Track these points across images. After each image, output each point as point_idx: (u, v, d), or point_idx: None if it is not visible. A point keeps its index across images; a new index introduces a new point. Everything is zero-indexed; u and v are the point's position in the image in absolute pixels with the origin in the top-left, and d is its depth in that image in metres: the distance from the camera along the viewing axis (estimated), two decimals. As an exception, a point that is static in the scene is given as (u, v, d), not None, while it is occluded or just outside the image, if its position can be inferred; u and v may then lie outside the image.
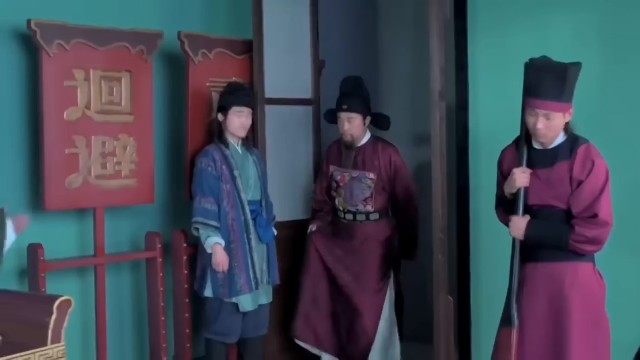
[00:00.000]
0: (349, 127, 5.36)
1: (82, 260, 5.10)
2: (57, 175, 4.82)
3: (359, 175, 5.45)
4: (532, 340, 4.01)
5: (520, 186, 3.98)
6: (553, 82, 3.84)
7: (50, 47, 4.76)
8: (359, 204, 5.46)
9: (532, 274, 4.02)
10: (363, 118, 5.38)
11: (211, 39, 5.55)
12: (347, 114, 5.34)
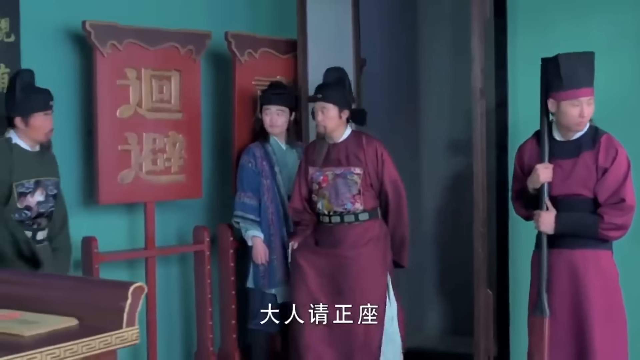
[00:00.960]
0: (322, 118, 4.95)
1: (134, 252, 5.28)
2: (110, 171, 5.00)
3: (344, 171, 4.99)
4: (556, 326, 4.18)
5: (544, 181, 4.16)
6: (587, 70, 4.08)
7: (104, 47, 4.93)
8: (346, 203, 4.98)
9: (555, 261, 4.19)
10: (339, 111, 4.97)
11: (257, 39, 5.70)
12: (321, 103, 4.96)
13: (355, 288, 4.86)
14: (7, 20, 4.68)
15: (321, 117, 4.95)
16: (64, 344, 2.29)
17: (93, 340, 2.35)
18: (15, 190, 4.25)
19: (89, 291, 2.59)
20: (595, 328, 4.09)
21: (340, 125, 5.02)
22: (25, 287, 2.77)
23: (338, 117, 4.97)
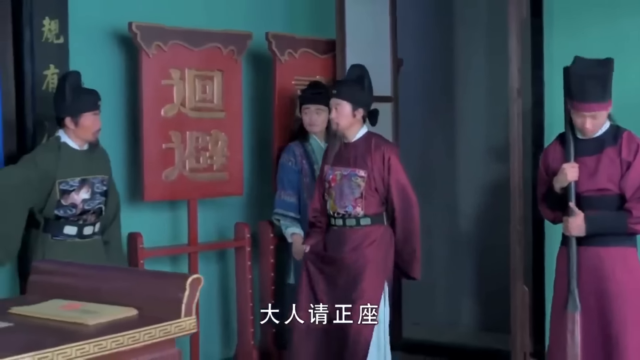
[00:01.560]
0: (335, 115, 4.81)
1: (178, 248, 5.41)
2: (155, 169, 5.13)
3: (349, 173, 4.84)
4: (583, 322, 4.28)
5: (571, 180, 4.26)
6: (596, 87, 4.16)
7: (150, 48, 5.06)
8: (348, 206, 4.83)
9: (581, 259, 4.29)
10: (352, 109, 4.81)
11: (296, 39, 5.82)
12: (335, 100, 4.82)
13: (352, 289, 4.72)
14: (57, 22, 4.82)
15: (334, 114, 4.84)
16: (126, 332, 2.41)
17: (154, 329, 2.46)
18: (57, 187, 4.39)
19: (148, 283, 2.71)
20: (623, 324, 4.18)
21: (355, 124, 4.86)
22: (86, 279, 2.89)
23: (351, 115, 4.82)
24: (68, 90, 4.39)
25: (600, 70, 4.18)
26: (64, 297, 2.83)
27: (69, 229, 4.44)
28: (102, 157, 4.65)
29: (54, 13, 4.81)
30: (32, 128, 4.77)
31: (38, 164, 4.35)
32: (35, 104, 4.77)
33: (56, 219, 4.42)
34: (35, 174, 4.33)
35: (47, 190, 4.37)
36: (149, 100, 5.10)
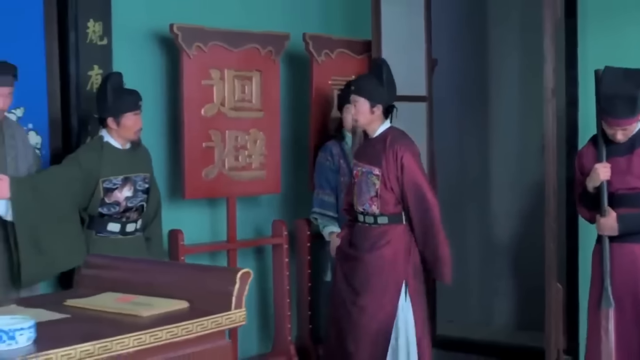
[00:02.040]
0: (355, 112, 4.78)
1: (217, 245, 5.52)
2: (195, 167, 5.23)
3: (367, 170, 4.78)
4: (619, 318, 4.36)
5: (603, 179, 4.36)
6: (624, 105, 4.30)
7: (190, 49, 5.17)
8: (365, 203, 4.79)
9: (616, 255, 4.40)
10: (370, 105, 4.74)
11: (333, 40, 5.91)
12: (353, 96, 4.79)
13: (368, 289, 4.70)
14: (100, 24, 4.95)
15: (353, 110, 4.82)
16: (180, 323, 2.51)
17: (206, 321, 2.56)
18: (101, 185, 4.51)
19: (199, 277, 2.80)
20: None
21: (374, 120, 4.78)
22: (137, 272, 2.99)
23: (369, 111, 4.75)
24: (110, 91, 4.50)
25: (628, 86, 4.30)
26: (116, 291, 2.93)
27: (112, 226, 4.56)
28: (143, 155, 4.76)
29: (98, 15, 4.94)
30: (77, 127, 4.91)
31: (82, 164, 4.46)
32: (80, 104, 4.90)
33: (100, 216, 4.54)
34: (79, 173, 4.44)
35: (91, 188, 4.48)
36: (190, 100, 5.20)
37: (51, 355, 2.21)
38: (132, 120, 4.56)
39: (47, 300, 3.01)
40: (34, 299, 3.39)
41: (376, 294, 4.69)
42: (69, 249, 4.41)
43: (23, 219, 4.23)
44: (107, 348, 2.33)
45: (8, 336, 2.24)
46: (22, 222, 4.23)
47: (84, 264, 3.21)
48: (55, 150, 4.86)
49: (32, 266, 4.27)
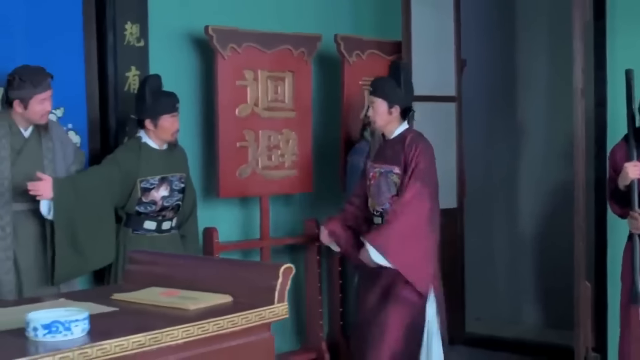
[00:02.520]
0: (372, 113, 4.82)
1: (251, 242, 5.62)
2: (229, 166, 5.34)
3: (386, 170, 4.82)
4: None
5: (633, 178, 4.42)
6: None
7: (225, 50, 5.27)
8: (385, 203, 4.80)
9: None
10: (388, 106, 4.78)
11: (364, 41, 6.00)
12: (371, 97, 4.85)
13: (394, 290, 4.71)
14: (138, 26, 5.06)
15: (371, 111, 4.85)
16: (226, 316, 2.60)
17: (250, 314, 2.65)
18: (138, 185, 4.62)
19: (242, 272, 2.90)
20: None
21: (392, 121, 4.82)
22: (180, 268, 3.10)
23: (387, 112, 4.79)
24: (148, 93, 4.61)
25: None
26: (159, 285, 3.03)
27: (149, 224, 4.67)
28: (180, 156, 4.86)
29: (135, 18, 5.05)
30: (115, 127, 5.02)
31: (120, 164, 4.57)
32: (118, 104, 5.02)
33: (137, 214, 4.65)
34: (118, 174, 4.56)
35: (129, 188, 4.59)
36: (224, 101, 5.31)
37: (105, 346, 2.31)
38: (169, 122, 4.66)
39: (93, 295, 3.13)
40: (81, 293, 3.51)
41: (403, 295, 4.70)
42: (103, 247, 4.55)
43: (63, 219, 4.35)
44: (158, 339, 2.43)
45: (64, 327, 2.34)
46: (62, 222, 4.35)
47: (129, 260, 3.31)
48: (93, 150, 4.98)
49: (66, 264, 4.39)
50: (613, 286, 5.69)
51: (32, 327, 2.35)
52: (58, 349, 2.25)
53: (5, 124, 4.32)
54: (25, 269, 4.33)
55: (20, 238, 4.34)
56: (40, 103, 4.31)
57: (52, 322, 2.34)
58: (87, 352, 2.27)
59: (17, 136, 4.37)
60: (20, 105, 4.29)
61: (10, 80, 4.28)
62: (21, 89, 4.26)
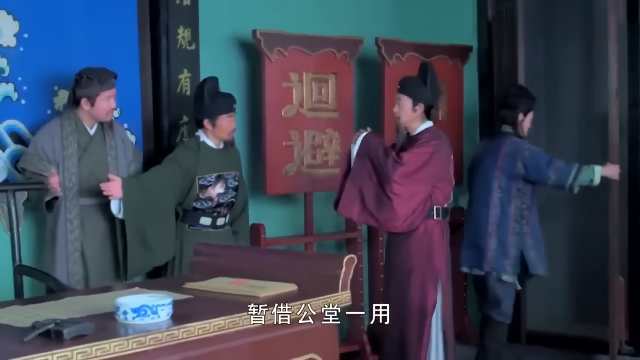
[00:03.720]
0: (397, 109, 5.05)
1: (296, 238, 5.83)
2: (276, 165, 5.55)
3: None
4: None
5: None
6: None
7: (272, 53, 5.48)
8: None
9: None
10: (413, 104, 5.00)
11: (403, 44, 6.18)
12: (398, 94, 5.08)
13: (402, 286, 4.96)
14: (189, 30, 5.29)
15: (396, 107, 5.06)
16: (295, 302, 2.81)
17: (317, 301, 2.86)
18: (197, 182, 4.84)
19: (308, 262, 3.12)
20: None
21: (415, 118, 5.03)
22: (246, 259, 3.32)
23: (412, 109, 5.00)
24: (206, 94, 4.83)
25: None
26: (225, 276, 3.25)
27: (204, 220, 4.90)
28: (235, 155, 5.09)
29: (187, 22, 5.28)
30: (168, 127, 5.25)
31: (181, 163, 4.81)
32: (171, 105, 5.25)
33: (193, 210, 4.88)
34: (179, 172, 4.79)
35: (188, 185, 4.82)
36: (271, 102, 5.52)
37: (190, 328, 2.52)
38: (226, 122, 4.88)
39: (165, 284, 3.33)
40: (153, 282, 3.74)
41: (416, 281, 4.91)
42: (168, 243, 4.78)
43: (132, 217, 4.60)
44: (236, 322, 2.64)
45: (152, 311, 2.55)
46: (131, 220, 4.60)
47: (195, 252, 3.52)
48: (147, 150, 5.22)
49: (137, 260, 4.65)
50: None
51: (122, 311, 2.55)
52: (148, 330, 2.45)
53: (72, 122, 4.56)
54: (92, 260, 4.57)
55: (87, 231, 4.58)
56: (106, 100, 4.55)
57: (141, 306, 2.54)
58: (173, 334, 2.49)
59: (83, 134, 4.61)
60: (87, 102, 4.53)
61: (78, 79, 4.52)
62: (88, 87, 4.50)
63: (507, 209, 5.48)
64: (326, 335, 2.96)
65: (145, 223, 4.64)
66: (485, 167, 5.57)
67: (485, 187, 5.53)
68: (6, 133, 4.62)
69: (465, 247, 5.64)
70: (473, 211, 5.66)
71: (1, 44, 4.60)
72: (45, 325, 2.40)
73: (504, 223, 5.47)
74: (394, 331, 4.96)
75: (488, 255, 5.48)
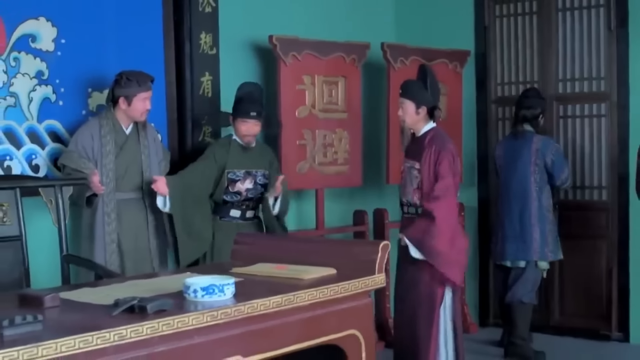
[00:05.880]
0: (401, 113, 5.16)
1: (308, 232, 6.16)
2: (291, 162, 5.89)
3: (410, 164, 5.17)
4: None
5: None
6: None
7: (287, 57, 5.82)
8: (409, 195, 5.17)
9: None
10: (416, 107, 5.11)
11: (407, 48, 6.53)
12: (400, 98, 5.19)
13: (411, 284, 5.10)
14: (210, 36, 5.63)
15: (400, 111, 5.18)
16: (338, 283, 3.16)
17: (357, 282, 3.21)
18: (226, 176, 5.21)
19: (344, 248, 3.48)
20: None
21: (419, 120, 5.13)
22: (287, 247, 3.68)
23: (415, 112, 5.10)
24: (237, 96, 5.24)
25: None
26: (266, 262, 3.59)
27: (234, 212, 5.26)
28: (264, 153, 5.43)
29: (208, 28, 5.62)
30: (191, 127, 5.58)
31: (215, 157, 5.20)
32: (194, 107, 5.58)
33: (224, 203, 5.24)
34: (215, 168, 5.19)
35: (218, 178, 5.21)
36: (286, 103, 5.86)
37: (253, 304, 2.87)
38: (243, 126, 5.23)
39: (213, 269, 3.67)
40: (201, 268, 4.08)
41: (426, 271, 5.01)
42: (208, 231, 5.14)
43: (178, 210, 4.99)
44: (291, 300, 2.99)
45: (219, 289, 2.89)
46: (178, 213, 5.00)
47: (235, 241, 3.87)
48: (172, 148, 5.54)
49: (187, 249, 5.06)
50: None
51: (193, 290, 2.89)
52: (217, 306, 2.80)
53: (110, 122, 4.89)
54: (127, 251, 4.91)
55: (123, 223, 4.92)
56: (142, 101, 4.88)
57: (209, 285, 2.89)
58: (240, 309, 2.83)
59: (120, 133, 4.94)
60: (124, 102, 4.87)
61: (118, 80, 4.86)
62: (127, 87, 4.84)
63: (543, 201, 6.02)
64: (364, 313, 3.31)
65: (190, 215, 5.03)
66: (521, 164, 6.06)
67: (523, 182, 6.05)
68: (46, 132, 4.95)
69: (507, 242, 6.09)
70: (512, 207, 6.09)
71: (41, 48, 4.92)
72: (127, 302, 2.74)
73: (542, 214, 6.01)
74: (404, 320, 5.22)
75: (534, 246, 6.00)
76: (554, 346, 6.30)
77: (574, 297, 6.66)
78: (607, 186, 6.57)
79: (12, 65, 4.80)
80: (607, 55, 6.50)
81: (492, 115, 7.06)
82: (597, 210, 6.57)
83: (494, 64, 7.03)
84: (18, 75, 4.82)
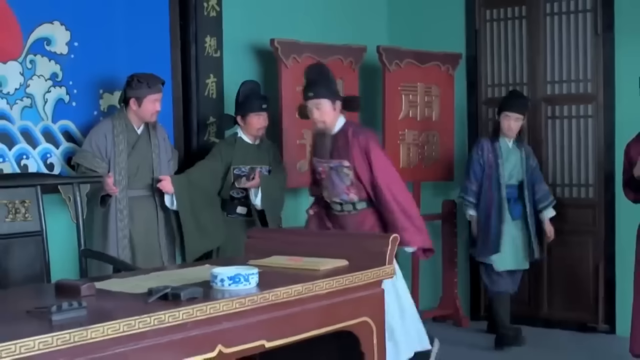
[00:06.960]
0: (319, 115, 4.97)
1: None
2: (291, 161, 6.09)
3: (336, 165, 5.05)
4: None
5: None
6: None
7: (287, 60, 6.04)
8: (342, 194, 5.08)
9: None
10: (332, 103, 4.97)
11: (402, 51, 6.74)
12: (314, 101, 4.95)
13: None
14: (215, 39, 5.85)
15: (317, 114, 4.96)
16: (353, 273, 3.37)
17: (370, 272, 3.43)
18: (232, 171, 5.43)
19: (357, 241, 3.69)
20: None
21: (335, 117, 5.02)
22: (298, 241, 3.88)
23: (332, 109, 4.97)
24: (241, 94, 5.46)
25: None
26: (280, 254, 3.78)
27: (241, 209, 5.49)
28: (267, 149, 5.64)
29: (213, 32, 5.84)
30: (197, 127, 5.80)
31: (223, 157, 5.41)
32: (199, 107, 5.79)
33: (231, 200, 5.46)
34: (221, 165, 5.42)
35: (225, 175, 5.43)
36: (287, 104, 6.06)
37: (277, 292, 3.07)
38: (255, 120, 5.45)
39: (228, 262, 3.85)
40: (220, 260, 4.27)
41: None
42: (218, 227, 5.34)
43: (185, 207, 5.21)
44: (310, 289, 3.19)
45: (244, 278, 3.09)
46: (184, 210, 5.22)
47: (248, 236, 4.07)
48: (178, 147, 5.75)
49: (195, 244, 5.27)
50: None
51: (220, 279, 3.07)
52: (245, 295, 3.00)
53: (122, 122, 5.10)
54: (138, 246, 5.12)
55: (135, 220, 5.13)
56: (152, 103, 5.09)
57: (236, 275, 3.08)
58: (265, 296, 3.03)
59: (132, 133, 5.15)
60: (135, 103, 5.07)
61: (130, 81, 5.07)
62: (138, 89, 5.04)
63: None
64: (376, 302, 3.52)
65: (197, 211, 5.24)
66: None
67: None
68: (60, 132, 5.15)
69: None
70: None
71: (55, 51, 5.12)
72: (161, 290, 2.95)
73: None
74: None
75: None
76: (543, 338, 6.53)
77: (562, 291, 6.87)
78: (593, 184, 6.76)
79: (29, 68, 5.00)
80: (593, 58, 6.69)
81: (483, 115, 7.26)
82: (584, 207, 6.78)
83: (484, 66, 7.22)
84: (34, 77, 5.03)
